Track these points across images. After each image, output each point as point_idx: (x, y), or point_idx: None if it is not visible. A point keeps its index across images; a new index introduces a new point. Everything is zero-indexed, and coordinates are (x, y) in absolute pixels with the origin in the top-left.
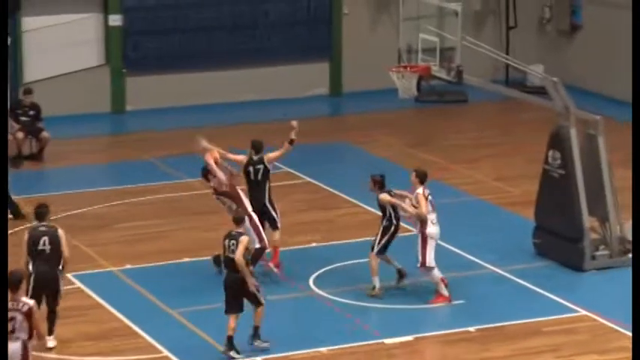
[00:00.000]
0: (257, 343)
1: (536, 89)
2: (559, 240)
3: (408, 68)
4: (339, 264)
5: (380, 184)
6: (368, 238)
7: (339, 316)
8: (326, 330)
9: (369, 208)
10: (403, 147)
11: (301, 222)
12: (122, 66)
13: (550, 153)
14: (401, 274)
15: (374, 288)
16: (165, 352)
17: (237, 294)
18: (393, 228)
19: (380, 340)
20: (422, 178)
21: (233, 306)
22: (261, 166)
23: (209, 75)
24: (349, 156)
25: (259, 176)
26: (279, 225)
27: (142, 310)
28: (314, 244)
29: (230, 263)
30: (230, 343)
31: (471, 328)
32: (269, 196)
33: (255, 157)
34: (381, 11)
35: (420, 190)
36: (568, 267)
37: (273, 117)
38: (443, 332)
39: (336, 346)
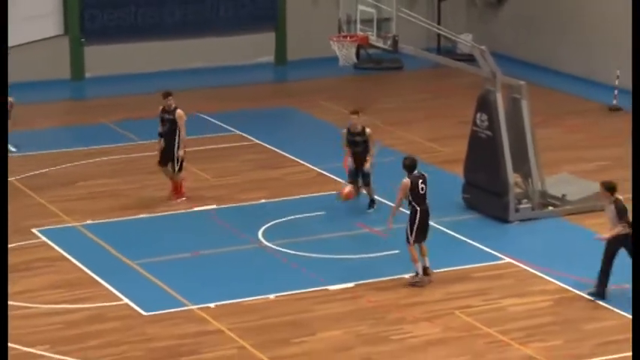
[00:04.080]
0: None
1: (466, 57)
2: (486, 194)
3: (348, 38)
4: (285, 218)
5: (407, 169)
6: (313, 194)
7: (286, 265)
8: (274, 278)
9: (313, 167)
10: (344, 111)
11: (250, 180)
12: (80, 36)
13: (478, 115)
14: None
15: (416, 274)
16: (125, 300)
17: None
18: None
19: (324, 287)
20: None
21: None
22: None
23: (162, 44)
24: (295, 120)
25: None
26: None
27: (103, 262)
28: (262, 200)
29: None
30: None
31: (406, 275)
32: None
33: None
34: None
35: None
36: (494, 219)
37: (220, 83)
38: (380, 279)
39: (284, 293)
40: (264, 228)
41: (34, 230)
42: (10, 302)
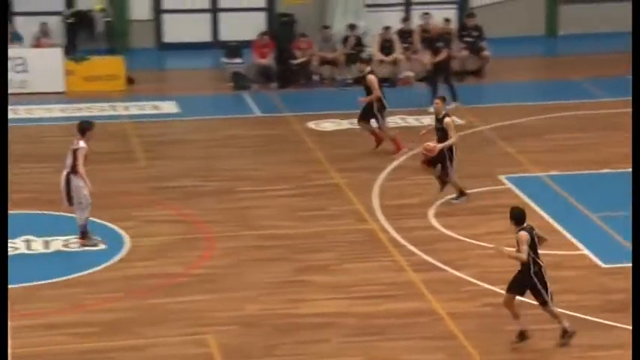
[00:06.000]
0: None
1: None
2: None
3: None
4: None
5: (516, 220)
6: None
7: None
8: None
9: None
10: None
11: None
12: None
13: None
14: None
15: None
16: (585, 251)
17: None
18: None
19: None
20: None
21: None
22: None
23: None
24: None
25: None
26: None
27: (564, 212)
28: None
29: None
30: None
31: None
32: None
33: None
34: None
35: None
36: None
37: None
38: None
39: None
40: None
41: (500, 177)
42: (472, 241)
